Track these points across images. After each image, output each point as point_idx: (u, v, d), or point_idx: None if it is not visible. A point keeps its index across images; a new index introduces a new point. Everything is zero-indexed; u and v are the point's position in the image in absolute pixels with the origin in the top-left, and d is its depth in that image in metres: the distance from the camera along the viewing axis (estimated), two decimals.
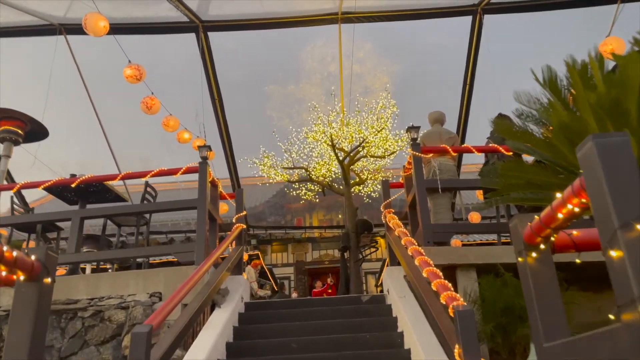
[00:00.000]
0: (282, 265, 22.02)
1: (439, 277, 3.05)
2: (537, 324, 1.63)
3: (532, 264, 1.62)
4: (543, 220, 1.48)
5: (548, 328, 1.62)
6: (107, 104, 11.81)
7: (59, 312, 4.30)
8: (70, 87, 11.25)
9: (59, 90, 11.18)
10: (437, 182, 4.68)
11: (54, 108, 10.17)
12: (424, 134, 5.44)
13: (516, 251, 1.76)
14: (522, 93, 2.87)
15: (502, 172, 2.70)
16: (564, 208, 1.35)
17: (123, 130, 12.77)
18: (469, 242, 10.07)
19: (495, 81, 9.89)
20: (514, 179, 2.74)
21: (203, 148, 5.00)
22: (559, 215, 1.39)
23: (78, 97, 11.18)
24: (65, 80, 11.04)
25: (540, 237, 1.56)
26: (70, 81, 10.96)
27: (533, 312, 1.65)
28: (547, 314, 1.62)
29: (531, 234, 1.58)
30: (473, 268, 4.42)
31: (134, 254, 4.78)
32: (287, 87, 12.34)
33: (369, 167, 11.37)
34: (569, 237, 1.63)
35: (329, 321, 4.46)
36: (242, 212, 5.54)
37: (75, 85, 10.90)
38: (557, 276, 1.82)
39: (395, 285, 4.76)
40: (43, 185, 4.94)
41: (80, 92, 11.00)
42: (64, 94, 11.90)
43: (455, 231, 4.57)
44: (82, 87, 10.85)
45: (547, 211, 1.44)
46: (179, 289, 3.70)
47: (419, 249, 3.69)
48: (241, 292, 4.91)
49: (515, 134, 2.82)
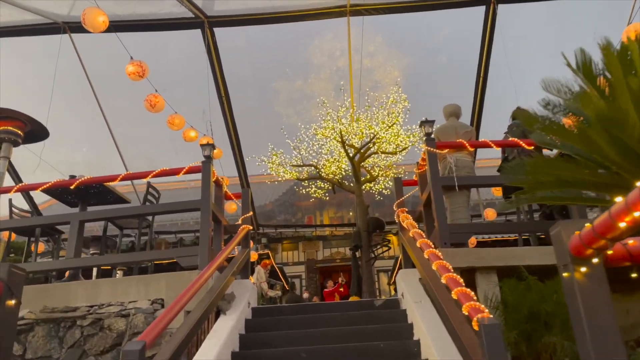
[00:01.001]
0: (293, 263, 21.84)
1: (460, 285, 2.79)
2: (587, 349, 1.37)
3: (581, 280, 1.35)
4: (597, 229, 1.22)
5: (601, 354, 1.35)
6: (114, 103, 11.66)
7: (57, 321, 4.10)
8: (76, 86, 11.11)
9: (65, 90, 11.03)
10: (454, 180, 4.40)
11: (60, 108, 10.03)
12: (439, 128, 5.16)
13: (560, 264, 1.49)
14: (550, 81, 2.59)
15: (530, 169, 2.42)
16: (628, 216, 1.08)
17: (130, 129, 12.62)
18: (483, 239, 9.76)
19: (510, 73, 9.57)
20: (543, 176, 2.46)
21: (206, 146, 4.76)
22: (620, 225, 1.12)
23: (84, 97, 11.03)
24: (70, 80, 10.90)
25: (592, 249, 1.29)
26: (75, 80, 10.82)
27: (583, 336, 1.39)
28: (599, 338, 1.35)
29: (580, 245, 1.31)
30: (493, 271, 4.15)
31: (134, 258, 4.58)
32: (295, 82, 12.09)
33: (380, 163, 11.09)
34: (624, 247, 1.36)
35: (341, 328, 4.22)
36: (249, 212, 5.31)
37: (81, 85, 10.74)
38: None
39: (410, 289, 4.50)
40: (41, 187, 4.74)
41: (86, 92, 10.84)
42: (70, 93, 11.75)
43: (473, 231, 4.29)
44: (87, 86, 10.70)
45: (604, 219, 1.18)
46: (180, 296, 3.48)
47: (436, 252, 3.42)
48: (248, 297, 4.67)
49: (543, 126, 2.53)
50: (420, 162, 5.01)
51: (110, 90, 11.47)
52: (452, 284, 2.83)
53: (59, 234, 5.67)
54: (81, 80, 10.45)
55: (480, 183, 4.76)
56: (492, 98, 10.61)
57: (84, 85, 10.44)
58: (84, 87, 10.47)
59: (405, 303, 4.53)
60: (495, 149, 4.67)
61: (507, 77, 10.05)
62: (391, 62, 11.18)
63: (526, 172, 2.50)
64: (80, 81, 10.52)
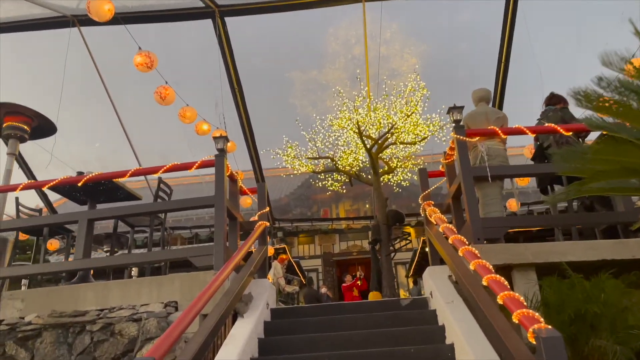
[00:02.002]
0: (309, 257, 21.65)
1: (506, 288, 2.48)
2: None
3: None
4: None
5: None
6: (125, 98, 11.48)
7: (66, 326, 3.88)
8: (86, 80, 10.93)
9: (75, 85, 10.87)
10: (486, 170, 4.06)
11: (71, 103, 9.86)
12: (468, 114, 4.80)
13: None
14: (610, 53, 2.24)
15: (593, 156, 2.09)
16: None
17: (142, 124, 12.44)
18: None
19: (534, 58, 9.13)
20: (606, 164, 2.12)
21: (219, 139, 4.49)
22: None
23: (95, 91, 10.85)
24: (81, 74, 10.72)
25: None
26: (86, 75, 10.63)
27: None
28: None
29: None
30: (532, 268, 3.82)
31: (145, 258, 4.34)
32: (310, 72, 11.77)
33: (399, 154, 10.73)
34: None
35: (366, 331, 3.92)
36: (265, 208, 5.03)
37: (91, 79, 10.55)
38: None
39: (439, 287, 4.18)
40: (48, 184, 4.52)
41: (96, 86, 10.64)
42: (80, 88, 11.61)
43: (509, 225, 3.96)
44: (98, 81, 10.49)
45: None
46: (195, 301, 3.22)
47: (473, 250, 3.11)
48: (266, 297, 4.40)
49: (604, 107, 2.19)
50: (447, 152, 4.68)
51: (122, 84, 11.29)
52: (496, 287, 2.52)
53: (68, 233, 5.47)
54: (91, 74, 10.25)
55: (517, 173, 4.40)
56: (515, 84, 10.19)
57: (95, 79, 10.25)
58: (95, 81, 10.28)
59: (435, 303, 4.22)
60: (530, 135, 4.31)
61: (530, 62, 9.62)
62: (409, 49, 10.79)
63: (586, 160, 2.17)
64: (91, 75, 10.32)
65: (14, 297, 4.04)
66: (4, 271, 4.33)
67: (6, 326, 3.90)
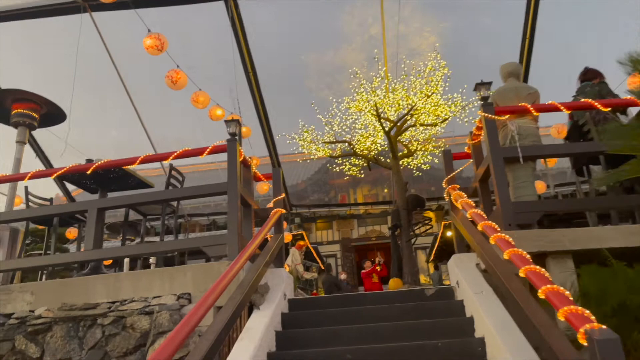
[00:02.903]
0: (327, 243, 21.51)
1: (548, 281, 2.21)
2: None
3: None
4: None
5: None
6: (139, 84, 11.33)
7: (77, 319, 3.74)
8: (100, 67, 10.79)
9: (89, 72, 10.74)
10: (517, 150, 3.76)
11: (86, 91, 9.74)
12: (497, 91, 4.47)
13: None
14: None
15: None
16: None
17: (157, 110, 12.32)
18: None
19: (561, 32, 8.69)
20: None
21: (231, 123, 4.26)
22: None
23: (108, 78, 10.71)
24: (94, 61, 10.59)
25: None
26: (99, 61, 10.49)
27: None
28: None
29: None
30: (569, 255, 3.53)
31: (156, 248, 4.17)
32: (326, 54, 11.48)
33: (418, 136, 10.40)
34: None
35: (389, 323, 3.70)
36: (281, 194, 4.81)
37: (105, 65, 10.39)
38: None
39: (466, 276, 3.93)
40: (56, 173, 4.36)
41: (111, 73, 10.49)
42: (95, 75, 11.49)
43: (542, 210, 3.67)
44: (111, 67, 10.32)
45: None
46: (208, 292, 3.03)
47: (506, 238, 2.84)
48: (283, 288, 4.20)
49: None
50: (474, 132, 4.37)
51: (135, 70, 11.13)
52: (536, 279, 2.26)
53: (81, 223, 5.34)
54: (105, 61, 10.09)
55: (551, 153, 4.08)
56: (540, 60, 9.74)
57: (109, 66, 10.09)
58: (109, 68, 10.12)
59: (462, 293, 3.97)
60: (565, 112, 3.99)
61: (557, 37, 9.17)
62: (428, 26, 10.39)
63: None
64: (104, 62, 10.17)
65: (23, 289, 3.92)
66: (12, 263, 4.21)
67: (16, 320, 3.78)
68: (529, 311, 2.50)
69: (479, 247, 3.47)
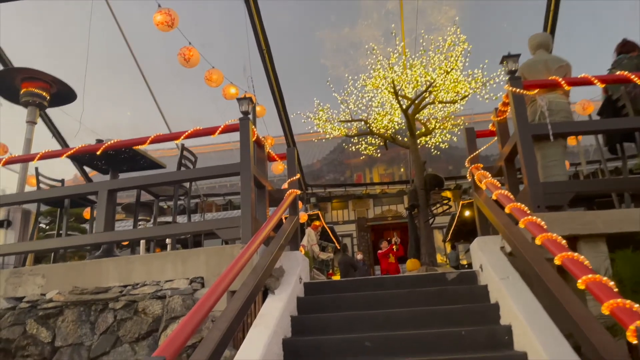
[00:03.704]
0: (343, 222, 21.41)
1: (588, 270, 2.02)
2: None
3: None
4: None
5: None
6: (153, 63, 11.19)
7: (88, 304, 3.65)
8: (114, 47, 10.65)
9: (103, 52, 10.60)
10: (547, 127, 3.52)
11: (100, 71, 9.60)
12: (525, 64, 4.20)
13: None
14: None
15: None
16: None
17: (172, 90, 12.18)
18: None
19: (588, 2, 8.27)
20: None
21: (243, 101, 4.08)
22: None
23: (122, 58, 10.57)
24: (107, 41, 10.45)
25: None
26: (113, 41, 10.34)
27: None
28: None
29: None
30: (602, 239, 3.32)
31: (168, 231, 4.05)
32: (341, 30, 11.15)
33: (437, 114, 10.10)
34: None
35: (409, 309, 3.54)
36: (296, 174, 4.64)
37: (119, 46, 10.23)
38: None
39: (491, 260, 3.74)
40: (65, 153, 4.25)
41: (124, 52, 10.33)
42: (109, 55, 11.35)
43: (574, 190, 3.44)
44: (125, 47, 10.16)
45: None
46: (222, 276, 2.89)
47: (538, 221, 2.64)
48: (299, 271, 4.07)
49: None
50: (500, 108, 4.12)
51: (149, 49, 10.97)
52: (574, 268, 2.07)
53: (92, 204, 5.25)
54: (118, 40, 9.93)
55: (584, 129, 3.81)
56: (565, 32, 9.31)
57: (122, 46, 9.93)
58: (122, 48, 9.95)
59: (486, 277, 3.79)
60: (599, 86, 3.72)
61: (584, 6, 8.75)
62: None
63: None
64: (118, 42, 10.01)
65: (34, 272, 3.84)
66: (22, 246, 4.14)
67: (27, 304, 3.72)
68: (565, 302, 2.32)
69: (505, 230, 3.27)
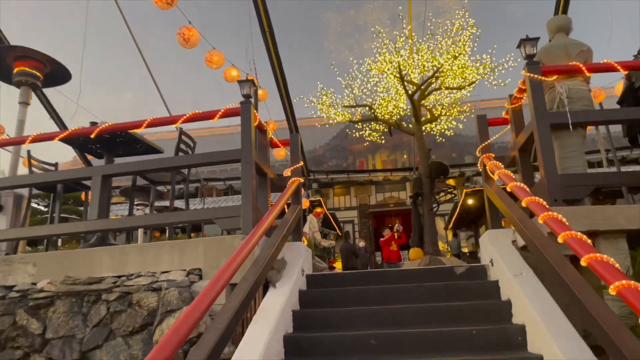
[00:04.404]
0: (345, 208, 21.22)
1: (621, 275, 1.84)
2: None
3: None
4: None
5: None
6: (153, 45, 10.92)
7: (80, 294, 3.50)
8: (113, 27, 10.38)
9: (101, 31, 10.33)
10: (567, 116, 3.31)
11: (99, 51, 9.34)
12: (543, 48, 3.96)
13: None
14: None
15: None
16: None
17: (173, 72, 11.93)
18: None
19: None
20: None
21: (245, 83, 3.87)
22: None
23: (122, 39, 10.32)
24: (106, 20, 10.18)
25: None
26: (112, 21, 10.08)
27: None
28: None
29: None
30: (623, 235, 3.14)
31: (165, 220, 3.87)
32: (347, 13, 10.85)
33: (443, 100, 9.86)
34: None
35: (415, 305, 3.38)
36: (299, 162, 4.45)
37: (118, 25, 9.94)
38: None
39: (502, 254, 3.58)
40: (58, 136, 4.06)
41: (124, 34, 10.05)
42: (108, 35, 11.08)
43: (594, 183, 3.25)
44: (125, 27, 9.87)
45: None
46: (222, 269, 2.71)
47: (559, 218, 2.45)
48: (301, 263, 3.91)
49: None
50: (515, 95, 3.91)
51: (149, 30, 10.69)
52: (604, 271, 1.89)
53: (87, 189, 5.08)
54: (117, 20, 9.65)
55: (606, 118, 3.59)
56: (578, 18, 9.01)
57: (122, 26, 9.65)
58: (122, 28, 9.68)
59: (496, 272, 3.62)
60: (622, 72, 3.50)
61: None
62: None
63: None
64: (116, 21, 9.73)
65: (25, 260, 3.68)
66: (12, 232, 3.97)
67: (17, 293, 3.56)
68: (589, 306, 2.14)
69: (520, 224, 3.08)
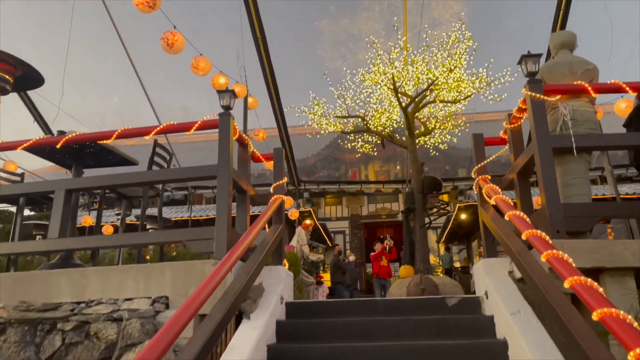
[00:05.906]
0: (336, 219, 20.92)
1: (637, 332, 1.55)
2: None
3: None
4: None
5: None
6: (143, 48, 10.63)
7: (34, 322, 3.17)
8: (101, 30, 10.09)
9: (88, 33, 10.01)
10: (571, 139, 3.05)
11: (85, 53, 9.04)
12: (546, 65, 3.71)
13: None
14: None
15: None
16: None
17: (162, 77, 11.62)
18: None
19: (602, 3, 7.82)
20: None
21: (224, 94, 3.57)
22: None
23: (110, 42, 10.00)
24: (92, 22, 9.88)
25: None
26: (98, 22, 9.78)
27: None
28: None
29: None
30: (630, 273, 2.87)
31: (131, 240, 3.55)
32: (341, 21, 10.62)
33: (437, 114, 9.62)
34: None
35: (404, 343, 3.08)
36: (282, 178, 4.16)
37: (105, 27, 9.63)
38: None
39: (499, 287, 3.29)
40: (21, 146, 3.74)
41: (112, 36, 9.74)
42: (94, 37, 10.76)
43: (601, 214, 2.99)
44: (112, 29, 9.56)
45: None
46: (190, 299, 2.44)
47: (566, 258, 2.17)
48: (280, 289, 3.60)
49: None
50: (514, 114, 3.65)
51: (138, 34, 10.40)
52: (624, 333, 1.60)
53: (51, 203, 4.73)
54: (104, 21, 9.34)
55: (614, 144, 3.32)
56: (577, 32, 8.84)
57: (109, 28, 9.33)
58: (110, 30, 9.36)
59: (491, 306, 3.34)
60: (631, 93, 3.25)
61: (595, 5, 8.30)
62: None
63: None
64: (103, 23, 9.42)
65: None
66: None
67: None
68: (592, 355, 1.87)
69: (519, 258, 2.80)
